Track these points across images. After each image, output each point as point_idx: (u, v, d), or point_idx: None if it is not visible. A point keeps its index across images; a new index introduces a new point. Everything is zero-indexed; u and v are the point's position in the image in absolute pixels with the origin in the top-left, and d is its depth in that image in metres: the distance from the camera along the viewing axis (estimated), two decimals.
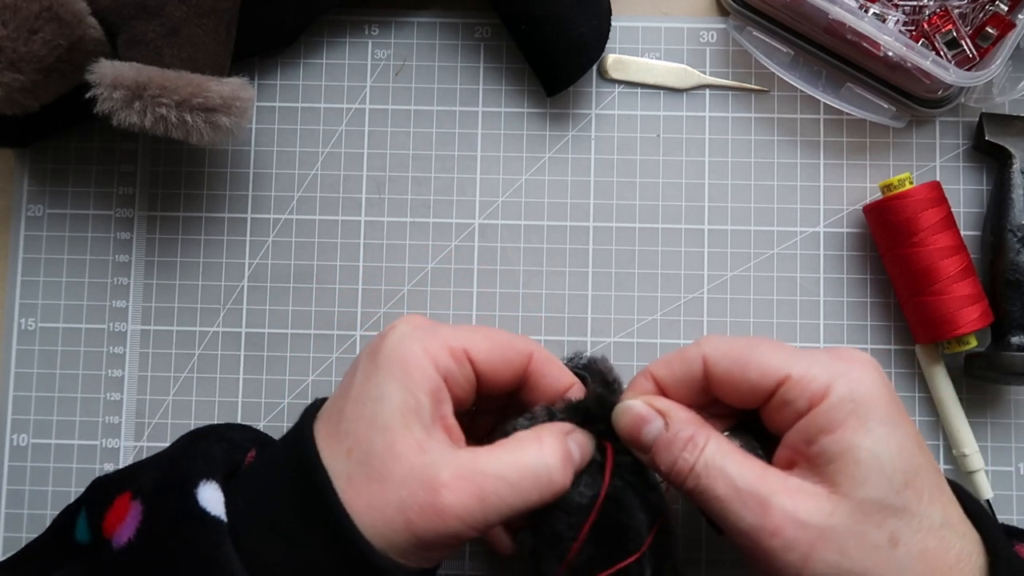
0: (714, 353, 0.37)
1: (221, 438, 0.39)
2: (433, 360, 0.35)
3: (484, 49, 0.51)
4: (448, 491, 0.33)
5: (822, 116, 0.50)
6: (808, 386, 0.35)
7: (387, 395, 0.34)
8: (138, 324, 0.50)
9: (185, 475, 0.36)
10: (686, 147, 0.50)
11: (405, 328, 0.37)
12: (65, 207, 0.50)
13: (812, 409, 0.35)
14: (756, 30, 0.50)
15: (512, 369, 0.38)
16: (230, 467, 0.38)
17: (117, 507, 0.37)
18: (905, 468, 0.34)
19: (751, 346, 0.37)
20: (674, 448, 0.36)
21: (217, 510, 0.34)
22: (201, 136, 0.42)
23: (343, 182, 0.50)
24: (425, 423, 0.34)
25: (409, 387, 0.34)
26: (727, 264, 0.49)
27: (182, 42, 0.43)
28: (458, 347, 0.36)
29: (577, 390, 0.39)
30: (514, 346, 0.38)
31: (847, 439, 0.34)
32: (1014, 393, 0.48)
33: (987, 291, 0.47)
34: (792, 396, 0.35)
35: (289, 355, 0.49)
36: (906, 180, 0.46)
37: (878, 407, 0.34)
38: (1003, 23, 0.46)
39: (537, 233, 0.50)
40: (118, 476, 0.40)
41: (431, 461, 0.33)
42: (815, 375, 0.35)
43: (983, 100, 0.49)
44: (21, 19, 0.41)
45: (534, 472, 0.34)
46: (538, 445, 0.35)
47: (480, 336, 0.37)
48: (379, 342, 0.37)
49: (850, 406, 0.34)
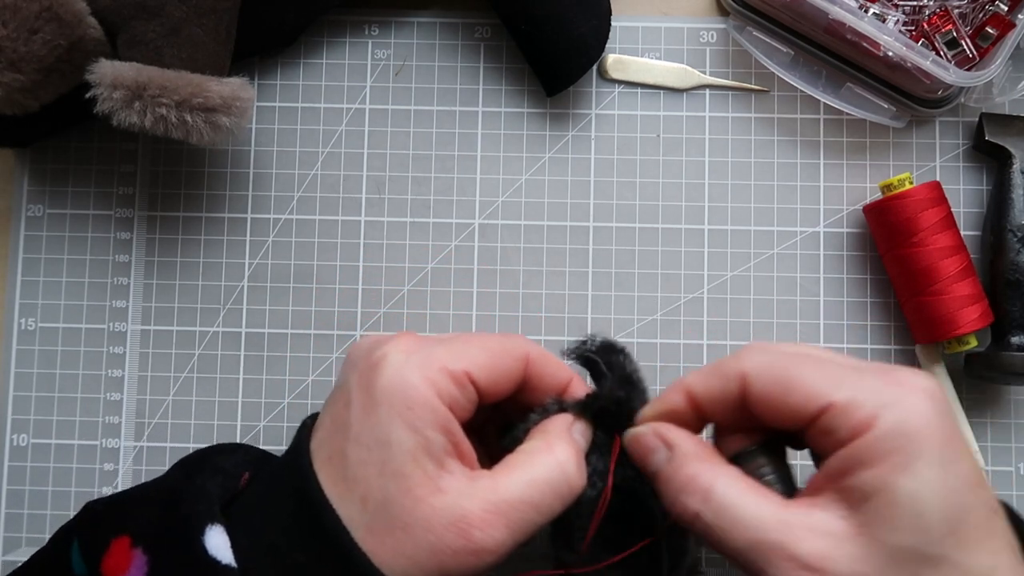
0: (754, 370, 0.34)
1: (216, 471, 0.38)
2: (436, 390, 0.34)
3: (484, 49, 0.51)
4: (478, 530, 0.32)
5: (822, 116, 0.50)
6: (853, 415, 0.31)
7: (395, 439, 0.33)
8: (138, 324, 0.50)
9: (188, 520, 0.34)
10: (686, 147, 0.50)
11: (398, 356, 0.34)
12: (65, 207, 0.50)
13: (854, 440, 0.31)
14: (756, 30, 0.50)
15: (511, 377, 0.37)
16: (227, 497, 0.36)
17: (115, 553, 0.35)
18: (950, 515, 0.30)
19: (796, 364, 0.33)
20: (672, 486, 0.34)
21: (226, 557, 0.33)
22: (201, 136, 0.42)
23: (343, 182, 0.50)
24: (439, 459, 0.33)
25: (417, 426, 0.33)
26: (727, 264, 0.49)
27: (182, 42, 0.43)
28: (458, 370, 0.34)
29: (578, 383, 0.38)
30: (510, 353, 0.36)
31: (886, 478, 0.30)
32: (1014, 393, 0.48)
33: (987, 291, 0.47)
34: (834, 425, 0.32)
35: (289, 355, 0.49)
36: (906, 180, 0.46)
37: (928, 444, 0.31)
38: (1003, 23, 0.46)
39: (537, 233, 0.50)
40: (110, 512, 0.37)
41: (453, 500, 0.32)
42: (861, 403, 0.32)
43: (983, 100, 0.49)
44: (21, 19, 0.41)
45: (554, 486, 0.34)
46: (550, 454, 0.35)
47: (476, 350, 0.35)
48: (372, 374, 0.34)
49: (895, 442, 0.31)
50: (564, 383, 0.38)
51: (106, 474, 0.49)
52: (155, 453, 0.49)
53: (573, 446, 0.35)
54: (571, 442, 0.36)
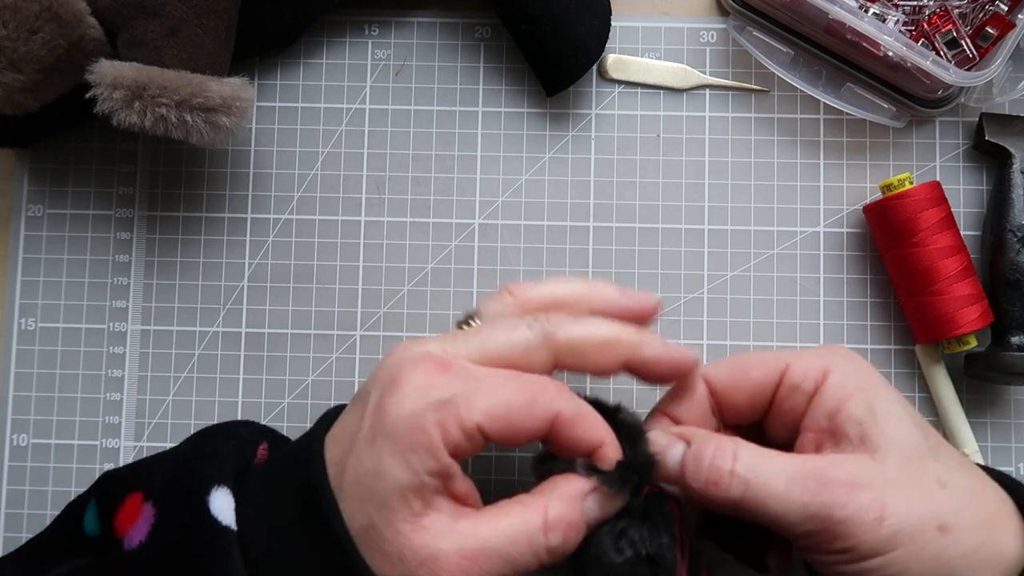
0: (711, 370, 0.39)
1: (231, 436, 0.39)
2: (444, 438, 0.33)
3: (484, 49, 0.51)
4: (447, 572, 0.32)
5: (822, 116, 0.50)
6: (809, 368, 0.37)
7: (388, 472, 0.33)
8: (138, 324, 0.50)
9: (197, 479, 0.35)
10: (686, 147, 0.50)
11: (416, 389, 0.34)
12: (65, 207, 0.50)
13: (821, 386, 0.37)
14: (756, 30, 0.50)
15: (529, 435, 0.35)
16: (241, 464, 0.37)
17: (128, 507, 0.37)
18: (918, 422, 0.37)
19: (744, 356, 0.39)
20: (703, 461, 0.36)
21: (228, 519, 0.34)
22: (201, 136, 0.42)
23: (343, 182, 0.50)
24: (427, 498, 0.33)
25: (415, 468, 0.33)
26: (727, 264, 0.49)
27: (182, 42, 0.43)
28: (471, 424, 0.33)
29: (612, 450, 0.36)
30: (534, 413, 0.34)
31: (867, 401, 0.36)
32: (1014, 393, 0.48)
33: (987, 291, 0.47)
34: (796, 380, 0.37)
35: (289, 355, 0.49)
36: (906, 180, 0.46)
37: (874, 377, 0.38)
38: (1003, 23, 0.46)
39: (537, 233, 0.50)
40: (129, 472, 0.40)
41: (431, 540, 0.33)
42: (810, 361, 0.38)
43: (983, 100, 0.49)
44: (21, 19, 0.41)
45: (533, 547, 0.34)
46: (539, 514, 0.34)
47: (498, 402, 0.34)
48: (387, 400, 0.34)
49: (854, 375, 0.37)
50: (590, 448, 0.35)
51: None
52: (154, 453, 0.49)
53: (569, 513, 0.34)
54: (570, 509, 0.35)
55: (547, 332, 0.36)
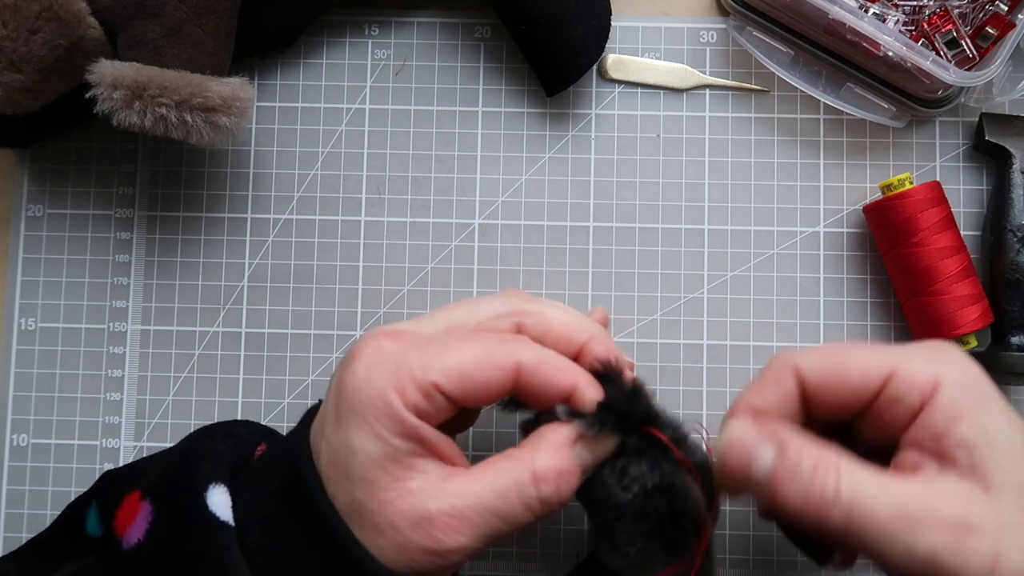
0: (805, 364, 0.34)
1: (228, 435, 0.39)
2: (402, 398, 0.33)
3: (484, 49, 0.51)
4: (441, 533, 0.32)
5: (822, 116, 0.50)
6: (916, 378, 0.33)
7: (358, 447, 0.33)
8: (138, 324, 0.50)
9: (194, 477, 0.36)
10: (686, 147, 0.50)
11: (368, 361, 0.34)
12: (65, 207, 0.50)
13: (929, 402, 0.32)
14: (756, 30, 0.50)
15: (492, 388, 0.34)
16: (237, 464, 0.38)
17: (127, 506, 0.37)
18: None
19: (843, 350, 0.35)
20: (802, 476, 0.32)
21: (225, 514, 0.35)
22: (201, 136, 0.42)
23: (343, 182, 0.50)
24: (405, 463, 0.33)
25: (382, 435, 0.33)
26: (727, 264, 0.49)
27: (182, 42, 0.43)
28: (426, 381, 0.33)
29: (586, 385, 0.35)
30: (493, 362, 0.34)
31: (980, 424, 0.32)
32: (1014, 393, 0.48)
33: (987, 291, 0.47)
34: (901, 391, 0.33)
35: (289, 355, 0.49)
36: (906, 180, 0.46)
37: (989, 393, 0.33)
38: (1003, 23, 0.46)
39: (537, 233, 0.50)
40: (128, 471, 0.40)
41: (420, 502, 0.33)
42: (919, 367, 0.33)
43: (983, 100, 0.49)
44: (21, 19, 0.41)
45: (524, 499, 0.33)
46: (528, 467, 0.34)
47: (452, 358, 0.34)
48: (343, 377, 0.34)
49: (968, 391, 0.33)
50: (564, 392, 0.35)
51: None
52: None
53: (558, 462, 0.34)
54: (558, 458, 0.34)
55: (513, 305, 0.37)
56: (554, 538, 0.48)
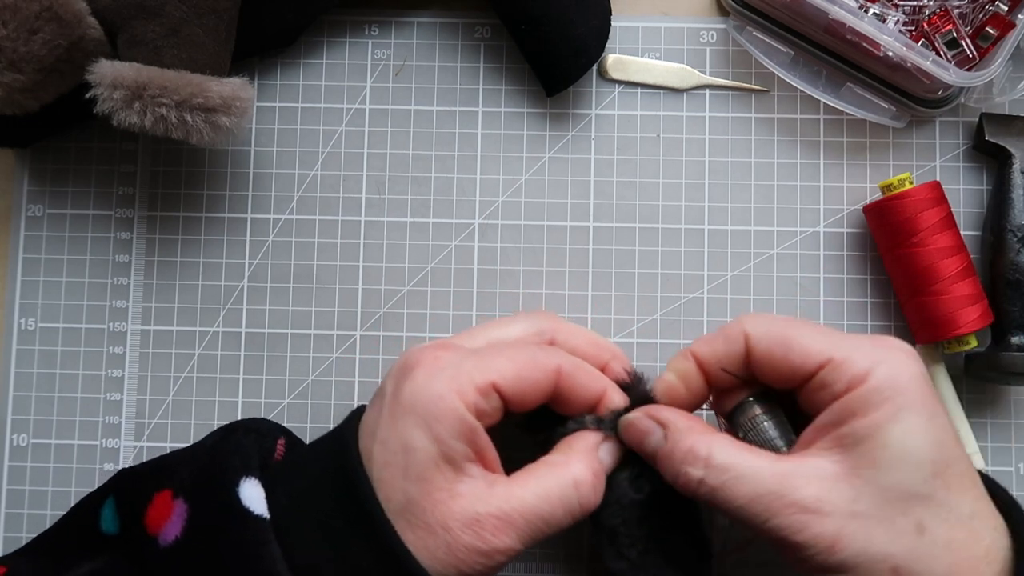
0: (756, 331, 0.37)
1: (249, 430, 0.41)
2: (463, 399, 0.35)
3: (484, 49, 0.51)
4: (490, 534, 0.34)
5: (822, 116, 0.50)
6: (848, 369, 0.35)
7: (419, 446, 0.35)
8: (138, 324, 0.50)
9: (225, 472, 0.37)
10: (686, 147, 0.50)
11: (428, 366, 0.36)
12: (65, 207, 0.50)
13: (849, 392, 0.35)
14: (756, 30, 0.50)
15: (539, 389, 0.37)
16: (263, 458, 0.39)
17: (158, 504, 0.38)
18: (935, 458, 0.34)
19: (793, 327, 0.37)
20: (674, 460, 0.36)
21: (259, 508, 0.36)
22: (201, 136, 0.42)
23: (343, 182, 0.50)
24: (458, 465, 0.35)
25: (440, 435, 0.35)
26: (727, 264, 0.49)
27: (182, 42, 0.43)
28: (484, 382, 0.36)
29: (613, 393, 0.39)
30: (539, 366, 0.37)
31: (878, 424, 0.34)
32: (1014, 393, 0.48)
33: (987, 291, 0.47)
34: (831, 379, 0.35)
35: (289, 355, 0.49)
36: (906, 180, 0.46)
37: (915, 396, 0.35)
38: (1003, 23, 0.46)
39: (537, 233, 0.50)
40: (150, 470, 0.41)
41: (470, 504, 0.35)
42: (856, 359, 0.35)
43: (983, 100, 0.48)
44: (21, 19, 0.41)
45: (565, 502, 0.36)
46: (567, 471, 0.37)
47: (505, 361, 0.37)
48: (402, 382, 0.36)
49: (887, 392, 0.34)
50: (596, 396, 0.39)
51: (106, 474, 0.49)
52: (155, 453, 0.49)
53: (591, 466, 0.37)
54: (590, 462, 0.37)
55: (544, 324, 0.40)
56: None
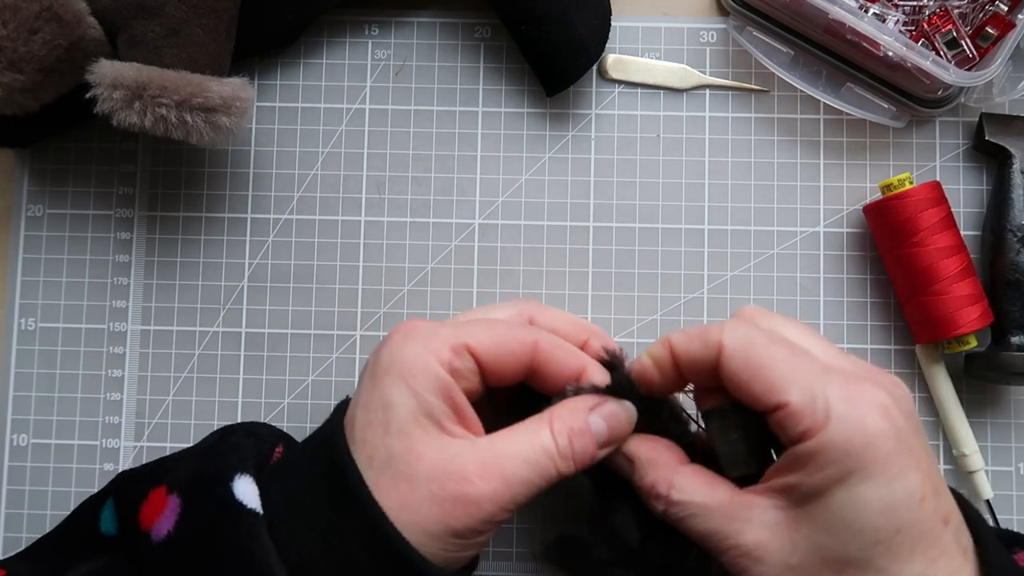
0: (731, 345, 0.35)
1: (249, 433, 0.41)
2: (436, 357, 0.36)
3: (484, 49, 0.51)
4: (476, 479, 0.34)
5: (822, 116, 0.50)
6: (802, 420, 0.33)
7: (397, 401, 0.35)
8: (138, 324, 0.50)
9: (220, 469, 0.37)
10: (686, 147, 0.50)
11: (404, 333, 0.37)
12: (65, 207, 0.50)
13: (803, 441, 0.33)
14: (756, 30, 0.50)
15: (516, 359, 0.38)
16: (260, 461, 0.39)
17: (153, 501, 0.38)
18: (881, 528, 0.32)
19: (768, 351, 0.34)
20: (643, 493, 0.37)
21: (253, 503, 0.36)
22: (201, 136, 0.42)
23: (343, 182, 0.50)
24: (439, 421, 0.36)
25: (417, 390, 0.35)
26: (727, 264, 0.49)
27: (182, 42, 0.43)
28: (459, 343, 0.37)
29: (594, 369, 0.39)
30: (516, 336, 0.38)
31: (822, 484, 0.32)
32: (1014, 393, 0.48)
33: (987, 291, 0.47)
34: (787, 423, 0.33)
35: (289, 355, 0.49)
36: (906, 180, 0.46)
37: (872, 458, 0.32)
38: (1003, 23, 0.46)
39: (537, 233, 0.50)
40: (149, 470, 0.41)
41: (454, 454, 0.35)
42: (811, 411, 0.33)
43: (983, 100, 0.49)
44: (21, 19, 0.41)
45: (546, 452, 0.36)
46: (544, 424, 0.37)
47: (481, 328, 0.38)
48: (379, 350, 0.37)
49: (836, 454, 0.32)
50: (575, 372, 0.38)
51: (106, 474, 0.49)
52: (155, 453, 0.49)
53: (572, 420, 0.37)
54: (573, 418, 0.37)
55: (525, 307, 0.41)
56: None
